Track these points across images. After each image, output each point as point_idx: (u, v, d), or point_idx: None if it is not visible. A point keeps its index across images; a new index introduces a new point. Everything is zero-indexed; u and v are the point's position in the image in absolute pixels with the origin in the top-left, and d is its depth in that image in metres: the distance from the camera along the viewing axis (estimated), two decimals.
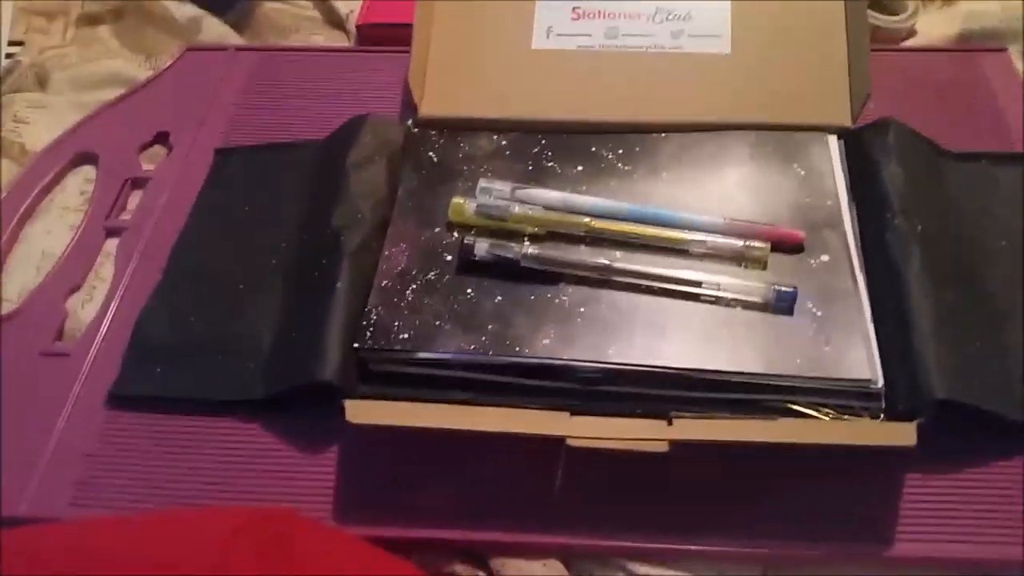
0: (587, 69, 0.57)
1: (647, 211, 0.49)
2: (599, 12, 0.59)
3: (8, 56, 0.68)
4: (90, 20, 0.70)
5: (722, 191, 0.51)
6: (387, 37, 0.65)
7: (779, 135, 0.53)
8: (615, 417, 0.42)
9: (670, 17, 0.58)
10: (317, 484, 0.44)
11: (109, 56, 0.67)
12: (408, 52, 0.58)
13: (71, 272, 0.54)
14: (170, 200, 0.56)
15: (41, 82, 0.66)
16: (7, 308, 0.52)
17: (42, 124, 0.63)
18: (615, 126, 0.55)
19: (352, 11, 0.69)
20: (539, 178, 0.52)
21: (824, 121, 0.54)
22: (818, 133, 0.53)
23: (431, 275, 0.48)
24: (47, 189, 0.59)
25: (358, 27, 0.67)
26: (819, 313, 0.45)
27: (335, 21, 0.70)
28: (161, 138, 0.61)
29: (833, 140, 0.53)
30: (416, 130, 0.56)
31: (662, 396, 0.43)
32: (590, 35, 0.58)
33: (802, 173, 0.51)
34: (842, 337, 0.44)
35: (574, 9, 0.59)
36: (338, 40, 0.69)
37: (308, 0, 0.71)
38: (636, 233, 0.48)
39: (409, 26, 0.61)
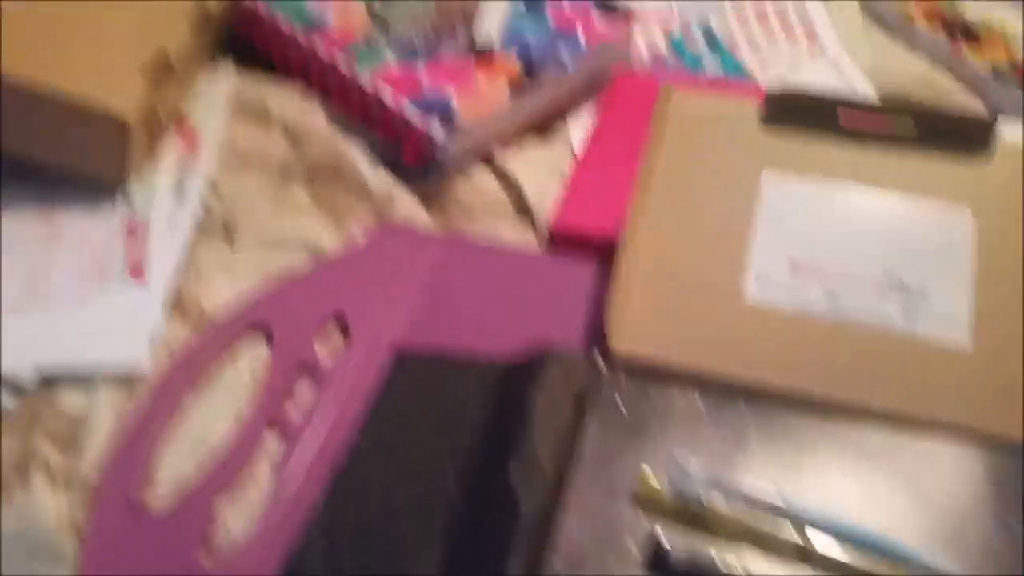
0: (803, 335, 0.52)
1: (879, 540, 0.43)
2: (821, 270, 0.54)
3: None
4: (284, 174, 0.69)
5: (953, 520, 0.45)
6: (581, 246, 0.62)
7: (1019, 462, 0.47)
8: None
9: (901, 289, 0.53)
10: None
11: (299, 213, 0.66)
12: (601, 264, 0.55)
13: (228, 472, 0.51)
14: (341, 399, 0.53)
15: (228, 229, 0.65)
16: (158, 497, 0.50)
17: (223, 281, 0.62)
18: (829, 404, 0.50)
19: (541, 199, 0.66)
20: (740, 458, 0.48)
21: None
22: None
23: (611, 562, 0.44)
24: (217, 363, 0.57)
25: (552, 232, 0.64)
26: None
27: (523, 208, 0.67)
28: (338, 321, 0.58)
29: None
30: (605, 370, 0.52)
31: None
32: (808, 295, 0.53)
33: None
34: None
35: (791, 261, 0.54)
36: (524, 227, 0.66)
37: (499, 185, 0.69)
38: (860, 569, 0.43)
39: (605, 241, 0.59)
